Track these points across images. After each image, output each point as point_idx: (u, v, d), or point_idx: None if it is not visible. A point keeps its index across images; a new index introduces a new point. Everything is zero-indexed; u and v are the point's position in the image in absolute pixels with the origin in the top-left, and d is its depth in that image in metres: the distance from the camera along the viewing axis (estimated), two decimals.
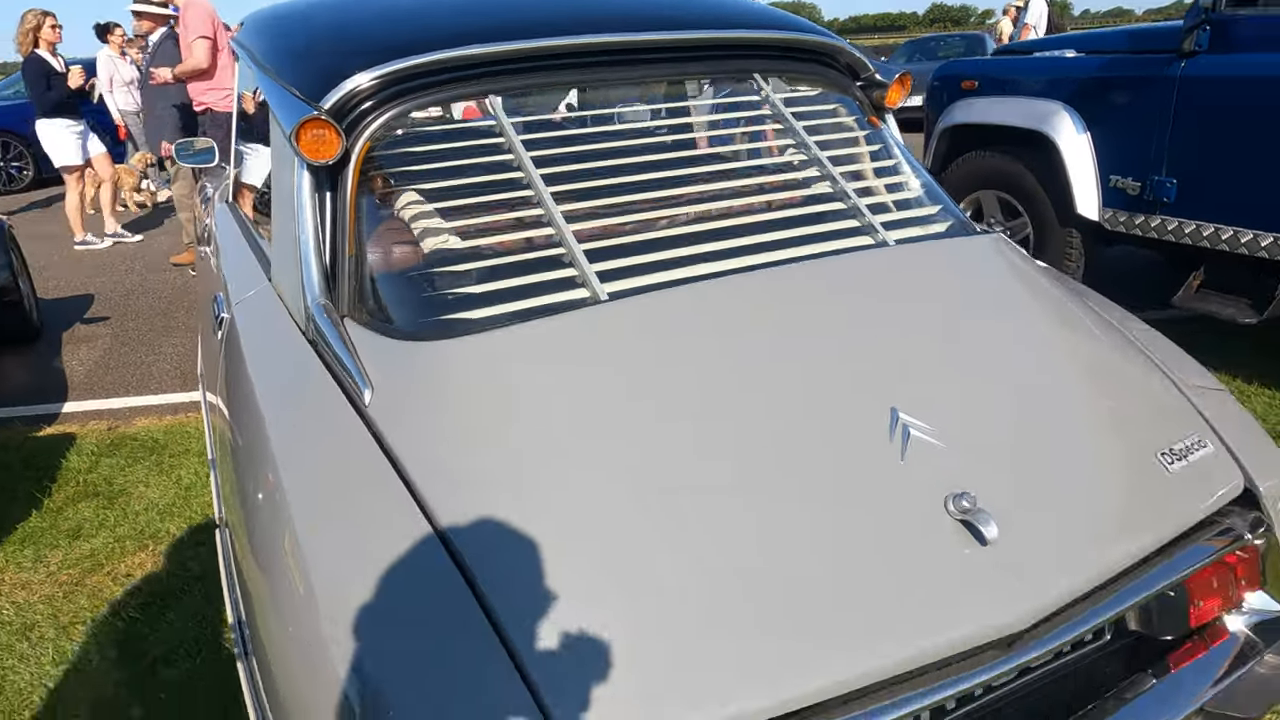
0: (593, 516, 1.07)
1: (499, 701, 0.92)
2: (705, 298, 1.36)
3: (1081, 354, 1.47)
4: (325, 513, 1.11)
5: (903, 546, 1.10)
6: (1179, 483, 1.31)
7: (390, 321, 1.41)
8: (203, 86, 5.28)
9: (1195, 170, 3.22)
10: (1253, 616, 1.39)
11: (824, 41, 1.92)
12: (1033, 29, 8.17)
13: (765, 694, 0.97)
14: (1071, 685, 1.26)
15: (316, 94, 1.52)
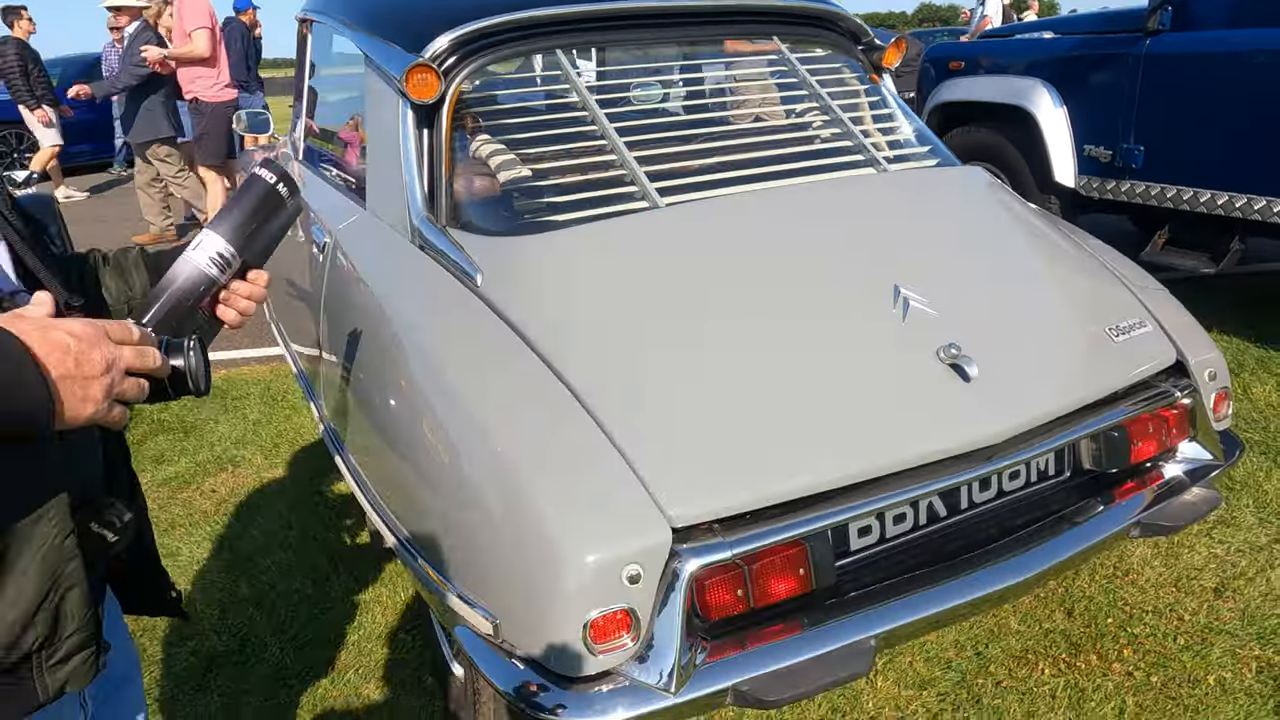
0: (657, 352, 1.40)
1: (610, 477, 1.24)
2: (744, 205, 1.68)
3: (1045, 253, 1.80)
4: (468, 362, 1.42)
5: (905, 381, 1.43)
6: (1122, 350, 1.65)
7: (485, 227, 1.72)
8: (192, 75, 5.40)
9: (1160, 138, 3.55)
10: (1186, 464, 1.72)
11: (830, 10, 2.25)
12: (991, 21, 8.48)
13: (805, 476, 1.29)
14: (1038, 510, 1.59)
15: (415, 47, 1.83)
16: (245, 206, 0.99)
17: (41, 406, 0.64)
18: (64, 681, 0.78)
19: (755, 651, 1.26)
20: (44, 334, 0.65)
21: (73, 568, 0.76)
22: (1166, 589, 2.10)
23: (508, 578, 1.24)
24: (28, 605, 0.74)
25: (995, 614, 2.04)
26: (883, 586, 1.38)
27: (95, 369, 0.67)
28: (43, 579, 0.74)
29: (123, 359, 0.71)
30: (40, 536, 0.73)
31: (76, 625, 0.78)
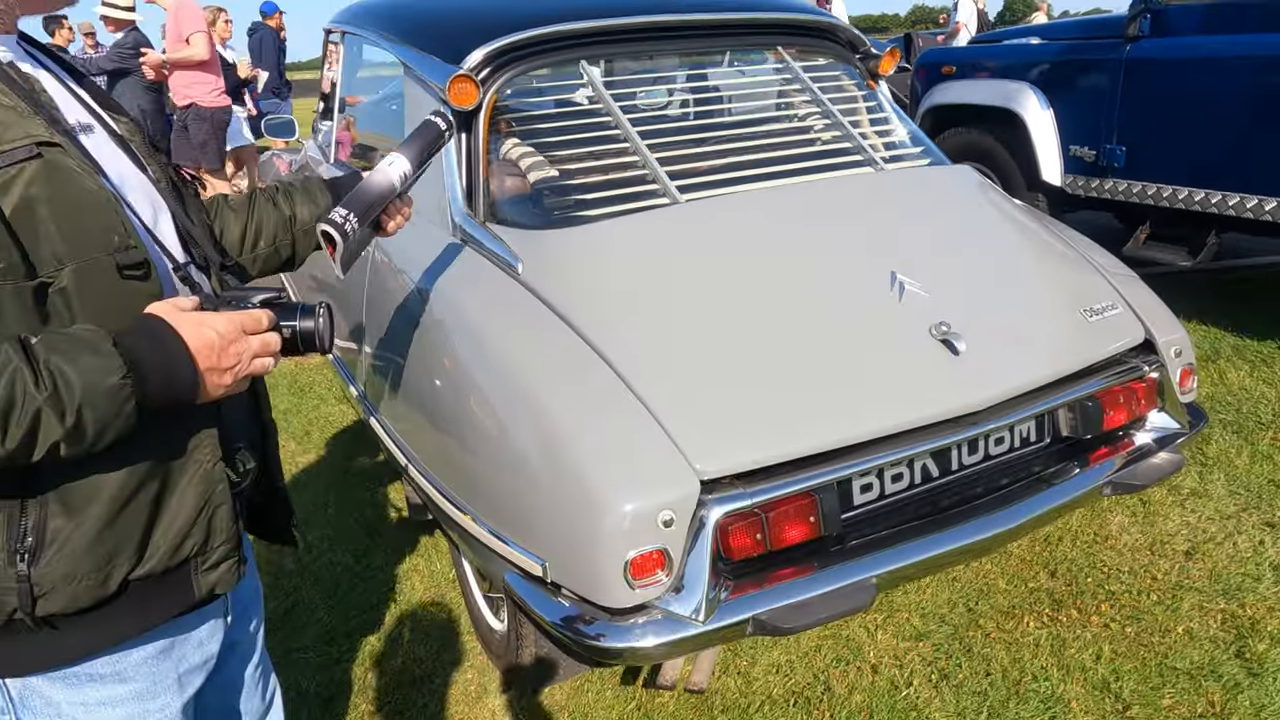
0: (682, 329, 1.58)
1: (645, 437, 1.42)
2: (756, 200, 1.87)
3: (1027, 244, 1.99)
4: (514, 340, 1.60)
5: (901, 354, 1.61)
6: (1096, 329, 1.83)
7: (522, 222, 1.90)
8: (189, 80, 5.48)
9: (1140, 138, 3.75)
10: (1155, 432, 1.91)
11: (830, 22, 2.43)
12: (965, 27, 8.68)
13: (815, 436, 1.48)
14: (1021, 472, 1.77)
15: (455, 59, 2.01)
16: (423, 143, 1.30)
17: (191, 390, 0.84)
18: (213, 584, 0.94)
19: (772, 589, 1.44)
20: (198, 331, 0.84)
21: (221, 489, 0.93)
22: (1141, 552, 2.29)
23: (556, 526, 1.42)
24: (188, 517, 0.90)
25: (984, 574, 2.22)
26: (883, 536, 1.57)
27: (231, 361, 0.86)
28: (199, 497, 0.91)
29: (251, 349, 0.88)
30: (196, 463, 0.91)
31: (224, 538, 0.94)
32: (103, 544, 0.85)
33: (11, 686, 0.89)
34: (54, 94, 0.90)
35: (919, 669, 1.94)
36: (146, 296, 0.86)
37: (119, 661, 0.92)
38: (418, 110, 2.12)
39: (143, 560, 0.88)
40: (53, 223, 0.80)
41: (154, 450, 0.87)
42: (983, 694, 1.86)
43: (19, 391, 0.72)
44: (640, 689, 1.93)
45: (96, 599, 0.85)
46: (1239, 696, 1.80)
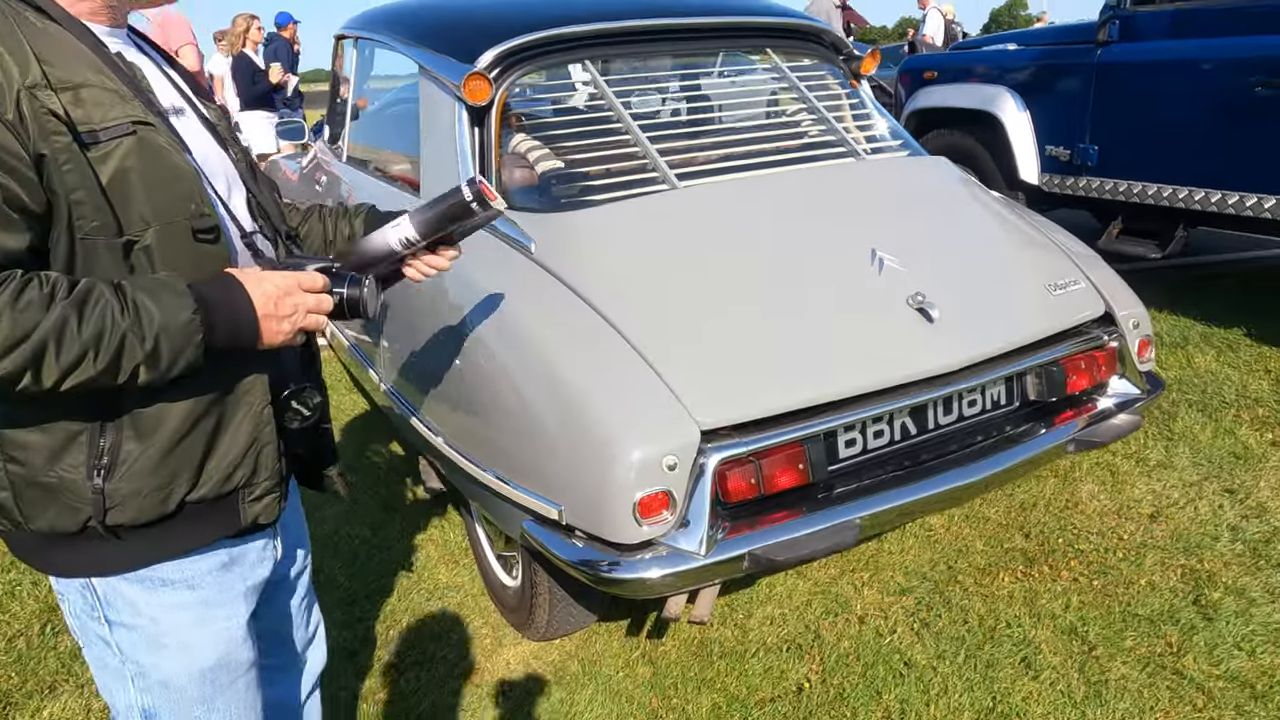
0: (681, 299, 1.74)
1: (651, 392, 1.58)
2: (748, 186, 2.04)
3: (998, 226, 2.16)
4: (530, 312, 1.76)
5: (881, 321, 1.78)
6: (1060, 301, 2.00)
7: (533, 207, 2.06)
8: None
9: (1112, 138, 3.94)
10: (1115, 396, 2.08)
11: (815, 26, 2.61)
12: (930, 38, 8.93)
13: (802, 392, 1.64)
14: (993, 431, 1.93)
15: (468, 58, 2.17)
16: (439, 211, 1.20)
17: (252, 334, 0.96)
18: (258, 514, 1.06)
19: (766, 529, 1.60)
20: (258, 284, 0.97)
21: (268, 429, 1.04)
22: (1109, 516, 2.46)
23: (572, 473, 1.57)
24: (239, 451, 1.02)
25: (963, 536, 2.39)
26: (866, 484, 1.73)
27: (286, 310, 0.98)
28: (249, 435, 1.03)
29: (306, 304, 1.00)
30: (249, 404, 1.03)
31: (268, 474, 1.05)
32: (166, 467, 0.97)
33: (97, 586, 1.02)
34: (153, 80, 1.03)
35: (902, 619, 2.10)
36: (216, 258, 0.99)
37: (186, 569, 1.04)
38: (433, 107, 2.28)
39: (197, 485, 1.00)
40: (142, 189, 0.92)
41: (214, 389, 0.99)
42: (960, 639, 2.02)
43: (109, 320, 0.86)
44: (644, 639, 2.08)
45: (158, 514, 0.98)
46: (1194, 637, 1.96)
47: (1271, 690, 1.81)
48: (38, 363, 0.83)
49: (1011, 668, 1.92)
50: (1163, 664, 1.90)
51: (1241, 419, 2.94)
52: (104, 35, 0.99)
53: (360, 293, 1.04)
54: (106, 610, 1.04)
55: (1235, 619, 2.01)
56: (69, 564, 1.01)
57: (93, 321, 0.85)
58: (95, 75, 0.93)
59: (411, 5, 2.77)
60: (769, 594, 2.20)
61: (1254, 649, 1.92)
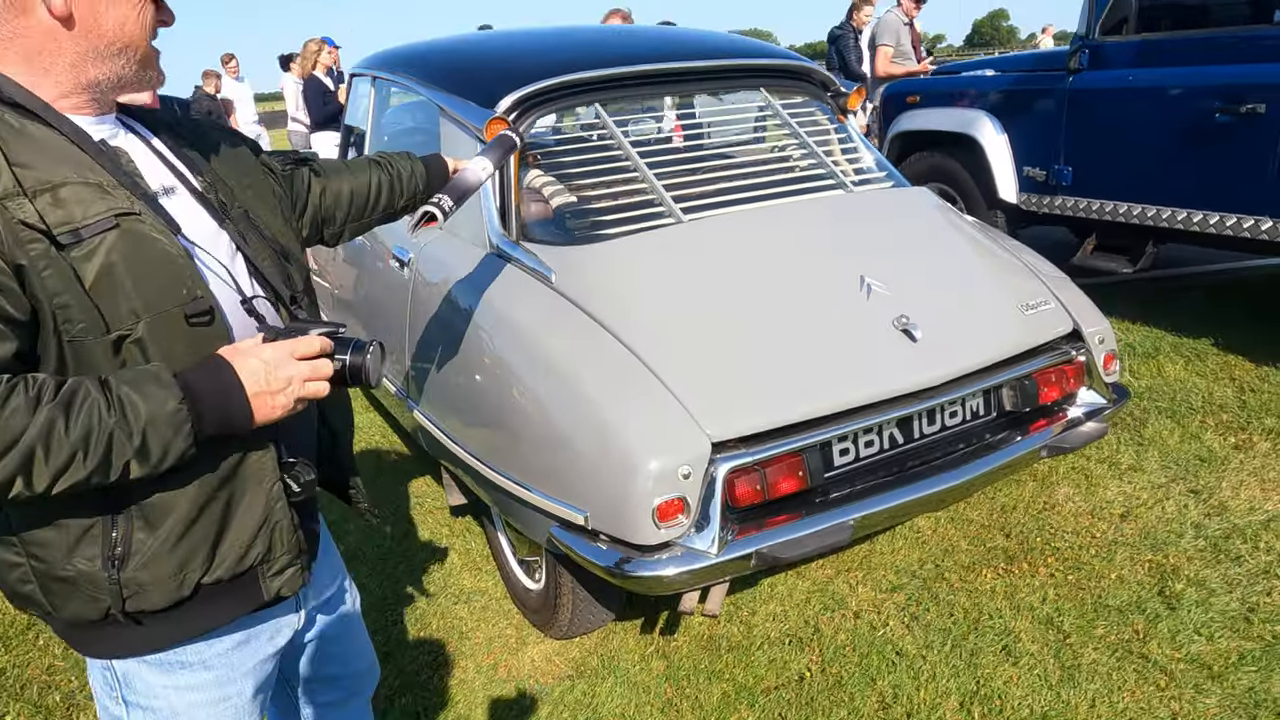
0: (685, 320, 1.93)
1: (667, 409, 1.76)
2: (748, 218, 2.23)
3: (975, 252, 2.37)
4: (552, 337, 1.95)
5: (869, 341, 1.97)
6: (1031, 321, 2.21)
7: (551, 239, 2.25)
8: None
9: (1085, 159, 4.17)
10: (1084, 406, 2.28)
11: (806, 66, 2.82)
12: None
13: (801, 407, 1.83)
14: (973, 440, 2.13)
15: (489, 103, 2.36)
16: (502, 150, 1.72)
17: (245, 415, 0.93)
18: (280, 588, 1.06)
19: (770, 530, 1.78)
20: (247, 361, 0.93)
21: (280, 506, 1.04)
22: (1083, 516, 2.65)
23: (596, 483, 1.75)
24: (252, 530, 1.02)
25: (948, 537, 2.58)
26: (859, 489, 1.92)
27: (278, 385, 0.93)
28: (260, 515, 1.02)
29: (301, 374, 0.95)
30: (257, 483, 1.01)
31: (285, 549, 1.05)
32: (177, 554, 0.97)
33: (117, 668, 1.05)
34: (140, 161, 1.00)
35: (894, 614, 2.28)
36: (213, 338, 0.96)
37: (203, 651, 1.06)
38: (454, 146, 2.47)
39: (212, 568, 1.00)
40: (130, 282, 0.90)
41: (220, 471, 0.98)
42: (947, 630, 2.20)
43: (96, 418, 0.84)
44: (658, 635, 2.25)
45: (175, 599, 0.98)
46: (1158, 625, 2.16)
47: (1227, 670, 2.00)
48: (28, 468, 0.82)
49: (993, 655, 2.11)
50: (1130, 649, 2.09)
51: (1207, 424, 3.15)
52: (90, 125, 0.97)
53: (363, 359, 1.00)
54: (125, 691, 1.06)
55: (1196, 608, 2.20)
56: (96, 647, 1.04)
57: (80, 421, 0.83)
58: (76, 171, 0.91)
59: (427, 47, 2.97)
60: (771, 592, 2.39)
61: (1212, 634, 2.11)
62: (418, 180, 1.54)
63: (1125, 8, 4.11)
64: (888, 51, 6.55)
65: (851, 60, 7.23)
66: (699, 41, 2.81)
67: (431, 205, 1.53)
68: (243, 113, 9.92)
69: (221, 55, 10.13)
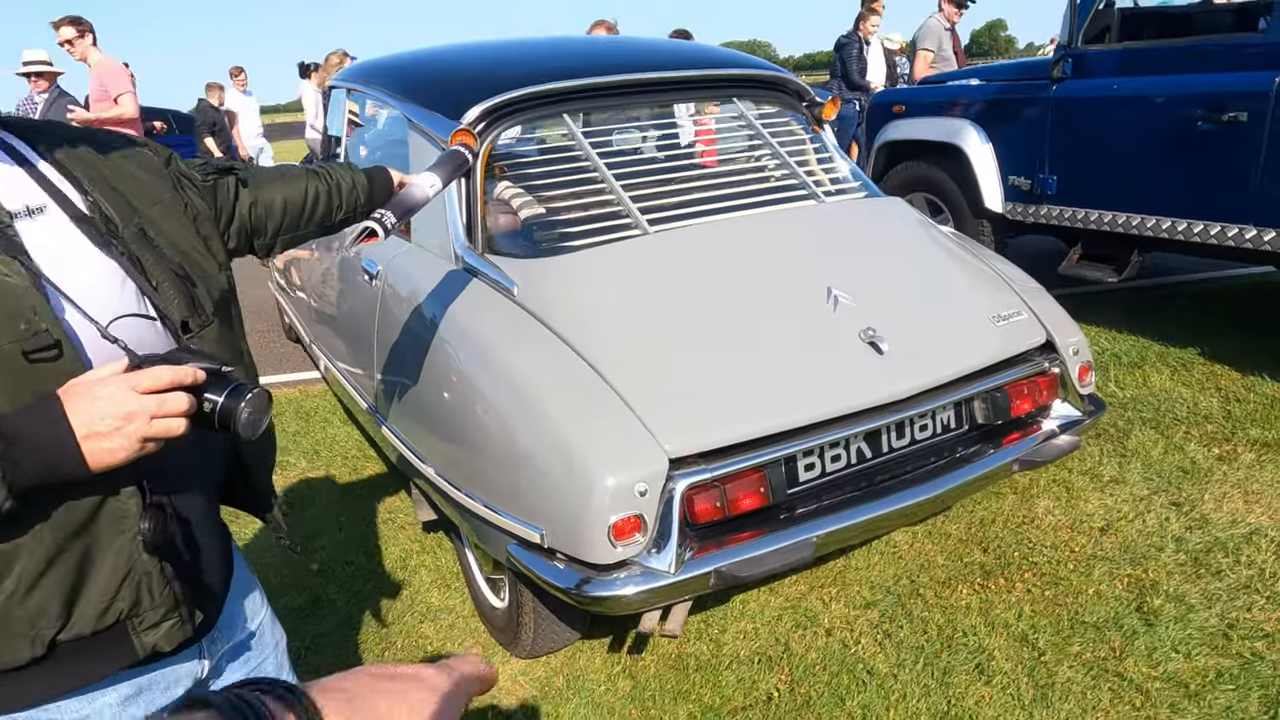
0: (652, 336, 1.90)
1: (623, 424, 1.73)
2: (714, 229, 2.20)
3: (945, 261, 2.34)
4: (513, 351, 1.92)
5: (835, 354, 1.94)
6: (1002, 332, 2.17)
7: (516, 252, 2.22)
8: None
9: (1068, 168, 4.15)
10: (1058, 419, 2.24)
11: (780, 76, 2.80)
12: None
13: (761, 422, 1.79)
14: (942, 454, 2.09)
15: (455, 114, 2.34)
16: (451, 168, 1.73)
17: (73, 460, 0.79)
18: (155, 644, 0.95)
19: (731, 548, 1.75)
20: (79, 399, 0.79)
21: (142, 560, 0.92)
22: (1063, 530, 2.61)
23: (551, 499, 1.72)
24: (113, 584, 0.91)
25: (925, 552, 2.54)
26: (825, 505, 1.88)
27: (113, 423, 0.79)
28: (123, 565, 0.91)
29: (146, 409, 0.80)
30: (118, 530, 0.90)
31: (157, 602, 0.94)
32: (26, 609, 0.87)
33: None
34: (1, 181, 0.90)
35: (866, 631, 2.24)
36: (61, 374, 0.84)
37: (83, 708, 0.95)
38: (421, 158, 2.44)
39: (69, 624, 0.90)
40: None
41: (71, 521, 0.87)
42: (920, 648, 2.16)
43: None
44: (625, 655, 2.21)
45: (30, 658, 0.88)
46: (1135, 642, 2.12)
47: (1204, 689, 1.96)
48: None
49: (966, 674, 2.07)
50: (1106, 667, 2.05)
51: (1191, 435, 3.11)
52: None
53: (237, 405, 0.85)
54: None
55: (1174, 624, 2.16)
56: None
57: None
58: None
59: (401, 59, 2.95)
60: (742, 609, 2.35)
61: (1190, 651, 2.07)
62: (359, 193, 1.48)
63: (1108, 17, 4.10)
64: (928, 56, 6.53)
65: (853, 70, 7.12)
66: (673, 52, 2.79)
67: (373, 221, 1.49)
68: (247, 125, 9.99)
69: (230, 68, 10.21)
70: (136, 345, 0.89)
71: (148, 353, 0.88)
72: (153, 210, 1.03)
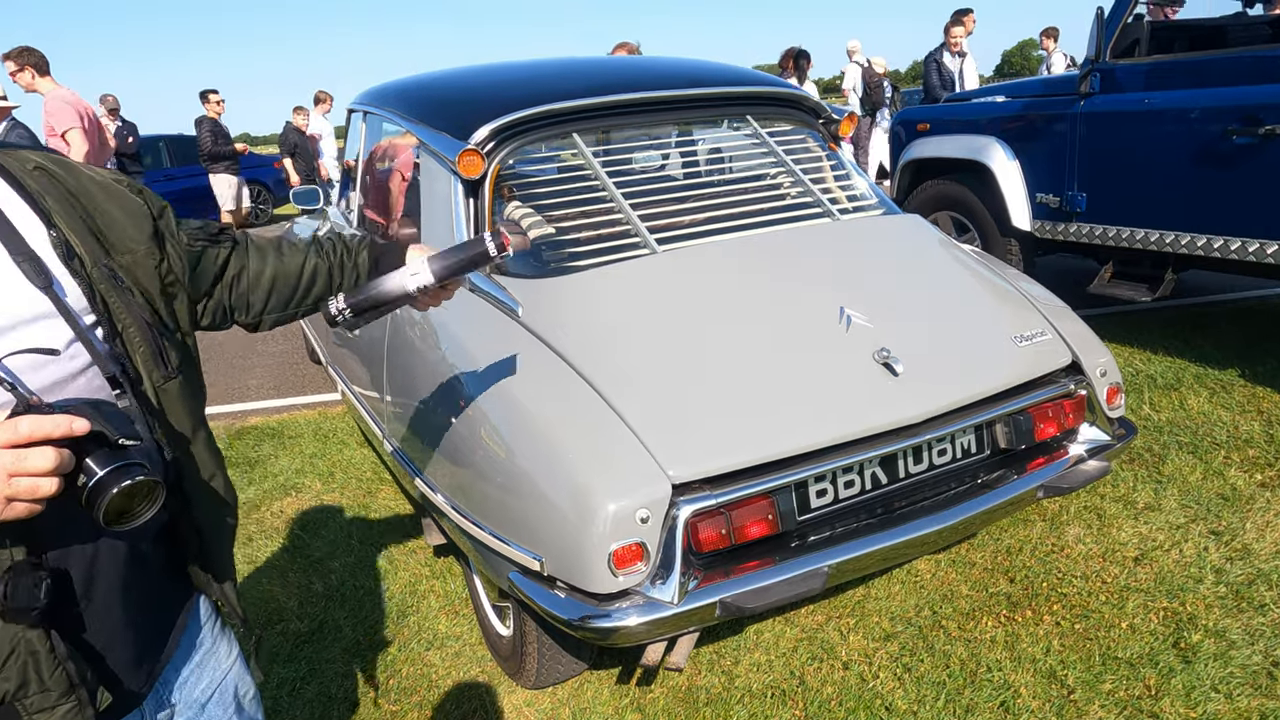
0: (657, 358, 1.84)
1: (625, 448, 1.68)
2: (725, 249, 2.15)
3: (965, 279, 2.26)
4: (515, 373, 1.88)
5: (848, 376, 1.87)
6: (1024, 353, 2.09)
7: (522, 272, 2.19)
8: None
9: (1097, 185, 4.04)
10: (1086, 443, 2.14)
11: (795, 93, 2.76)
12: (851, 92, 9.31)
13: (769, 446, 1.73)
14: (962, 480, 2.00)
15: (463, 135, 2.33)
16: (462, 260, 1.24)
17: None
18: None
19: (737, 577, 1.68)
20: None
21: (24, 638, 0.83)
22: (1094, 559, 2.50)
23: (551, 526, 1.67)
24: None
25: (949, 581, 2.43)
26: (837, 533, 1.80)
27: None
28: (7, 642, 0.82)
29: (3, 466, 0.72)
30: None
31: (46, 684, 0.84)
32: None
33: None
34: None
35: (885, 664, 2.15)
36: None
37: None
38: (433, 181, 2.43)
39: None
40: None
41: None
42: (941, 684, 2.06)
43: None
44: (634, 687, 2.14)
45: None
46: (1172, 680, 2.00)
47: None
48: None
49: (990, 712, 1.97)
50: (1140, 707, 1.93)
51: (1231, 460, 2.98)
52: None
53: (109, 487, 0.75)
54: None
55: (1214, 661, 2.04)
56: None
57: None
58: None
59: (414, 81, 2.96)
60: (756, 640, 2.26)
61: (1231, 691, 1.95)
62: (359, 272, 1.31)
63: (1136, 30, 4.01)
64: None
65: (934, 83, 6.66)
66: (685, 70, 2.76)
67: (329, 304, 1.26)
68: (328, 149, 10.37)
69: (316, 93, 10.45)
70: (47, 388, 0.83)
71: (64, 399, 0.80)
72: (124, 257, 0.97)
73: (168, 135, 12.19)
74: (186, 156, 11.67)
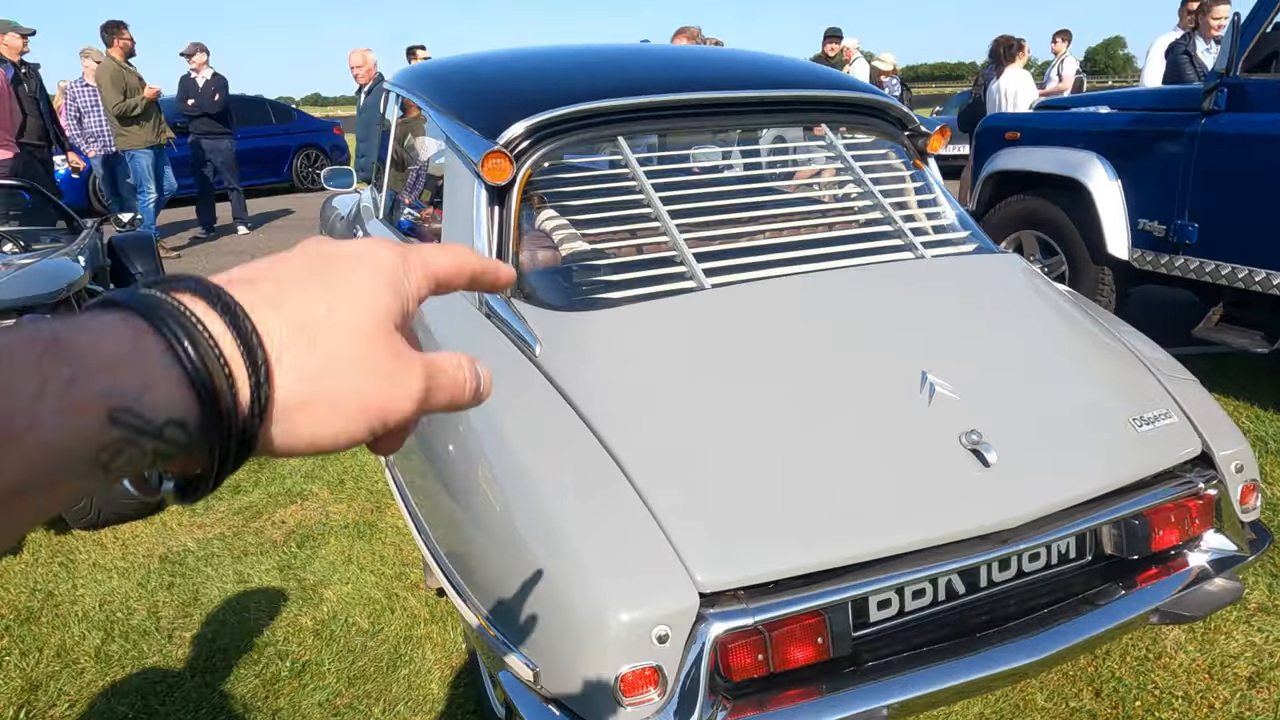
0: (695, 427, 1.52)
1: (646, 542, 1.36)
2: (784, 290, 1.81)
3: (1074, 344, 1.88)
4: (523, 429, 1.58)
5: (926, 464, 1.52)
6: (1145, 441, 1.71)
7: (545, 300, 1.88)
8: None
9: (1214, 215, 3.57)
10: (1211, 554, 1.76)
11: (878, 99, 2.38)
12: None
13: (825, 551, 1.39)
14: (1059, 592, 1.65)
15: (492, 134, 2.02)
16: None
17: None
18: None
19: (773, 713, 1.36)
20: None
21: None
22: (1199, 675, 2.11)
23: (548, 629, 1.37)
24: None
25: (1022, 688, 2.07)
26: (900, 658, 1.47)
27: None
28: None
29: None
30: None
31: None
32: None
33: None
34: None
35: None
36: None
37: None
38: (456, 183, 2.13)
39: None
40: None
41: None
42: None
43: None
44: None
45: None
46: None
47: None
48: None
49: None
50: None
51: None
52: None
53: None
54: None
55: None
56: None
57: None
58: None
59: (449, 65, 2.65)
60: None
61: None
62: None
63: (1276, 41, 3.50)
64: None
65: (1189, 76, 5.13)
66: (754, 67, 2.40)
67: None
68: None
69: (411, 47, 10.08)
70: None
71: None
72: None
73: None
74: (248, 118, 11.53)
